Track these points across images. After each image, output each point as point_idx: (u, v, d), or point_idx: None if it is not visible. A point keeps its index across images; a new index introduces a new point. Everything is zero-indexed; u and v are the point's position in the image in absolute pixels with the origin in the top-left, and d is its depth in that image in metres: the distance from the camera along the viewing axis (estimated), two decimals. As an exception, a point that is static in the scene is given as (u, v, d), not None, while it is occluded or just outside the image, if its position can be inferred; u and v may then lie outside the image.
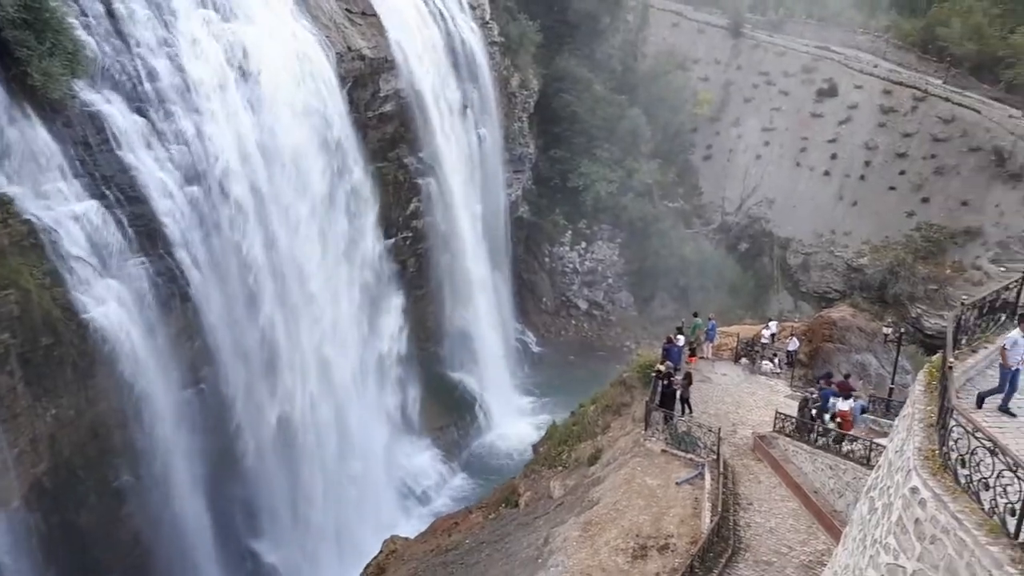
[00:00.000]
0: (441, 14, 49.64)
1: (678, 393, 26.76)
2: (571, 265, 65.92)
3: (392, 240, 46.90)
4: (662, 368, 27.43)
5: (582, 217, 65.91)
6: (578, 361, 59.49)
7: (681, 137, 70.80)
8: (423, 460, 47.54)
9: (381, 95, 44.19)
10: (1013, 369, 11.99)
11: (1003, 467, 8.87)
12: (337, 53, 40.32)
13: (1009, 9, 75.14)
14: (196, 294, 33.29)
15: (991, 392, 11.97)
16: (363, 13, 43.47)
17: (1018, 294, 13.84)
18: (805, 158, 68.23)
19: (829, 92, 68.34)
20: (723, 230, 69.68)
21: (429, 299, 51.70)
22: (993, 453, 9.07)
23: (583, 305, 65.55)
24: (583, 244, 66.06)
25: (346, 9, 42.79)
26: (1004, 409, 11.89)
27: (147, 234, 31.39)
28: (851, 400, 25.44)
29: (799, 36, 73.26)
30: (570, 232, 66.11)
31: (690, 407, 27.13)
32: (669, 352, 29.40)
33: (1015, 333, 12.27)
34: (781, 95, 70.61)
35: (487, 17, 56.32)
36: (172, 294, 32.53)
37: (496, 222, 57.64)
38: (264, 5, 38.33)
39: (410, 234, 49.07)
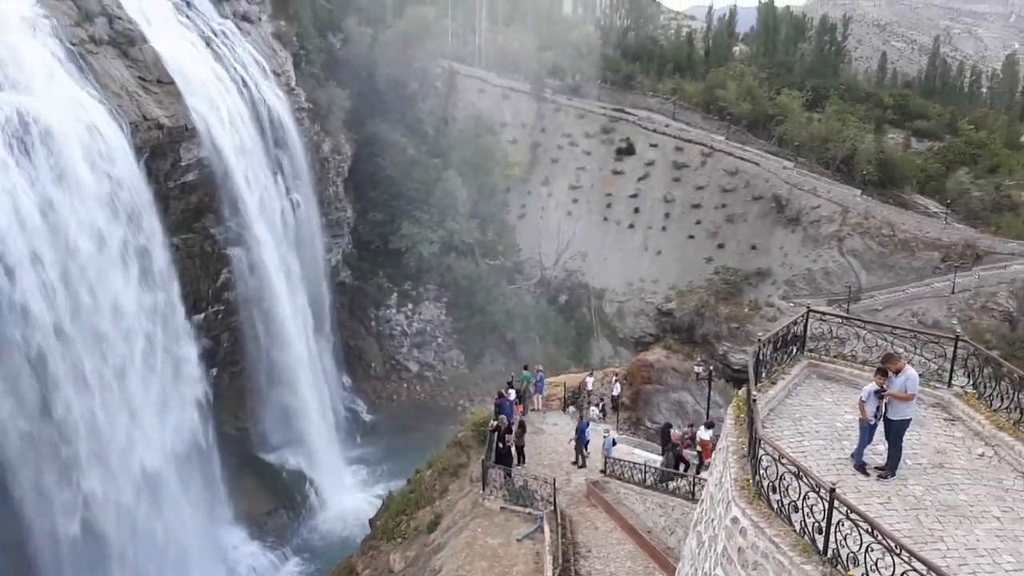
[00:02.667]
0: (244, 81, 48.32)
1: (513, 445, 26.92)
2: (399, 327, 65.17)
3: (202, 315, 44.13)
4: (495, 424, 27.51)
5: (407, 279, 65.65)
6: (412, 425, 58.36)
7: (496, 197, 72.84)
8: (250, 550, 44.22)
9: (182, 164, 42.02)
10: (872, 423, 11.43)
11: (808, 489, 9.47)
12: (131, 122, 38.05)
13: (774, 74, 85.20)
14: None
15: (862, 450, 11.47)
16: (159, 81, 41.42)
17: (805, 327, 15.06)
18: (611, 213, 72.34)
19: (627, 151, 73.26)
20: (543, 284, 71.95)
21: (247, 375, 48.93)
22: (798, 477, 9.66)
23: (414, 367, 64.78)
24: (410, 305, 65.63)
25: (139, 77, 40.61)
26: (859, 466, 11.33)
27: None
28: (712, 429, 26.70)
29: (596, 99, 78.33)
30: (396, 294, 65.54)
31: (523, 456, 27.30)
32: (502, 406, 29.55)
33: (871, 385, 11.55)
34: (584, 155, 74.80)
35: (293, 84, 55.54)
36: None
37: (317, 289, 55.99)
38: (46, 74, 35.77)
39: (222, 307, 46.44)
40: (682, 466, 25.38)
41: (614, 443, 28.32)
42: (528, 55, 79.69)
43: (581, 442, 28.35)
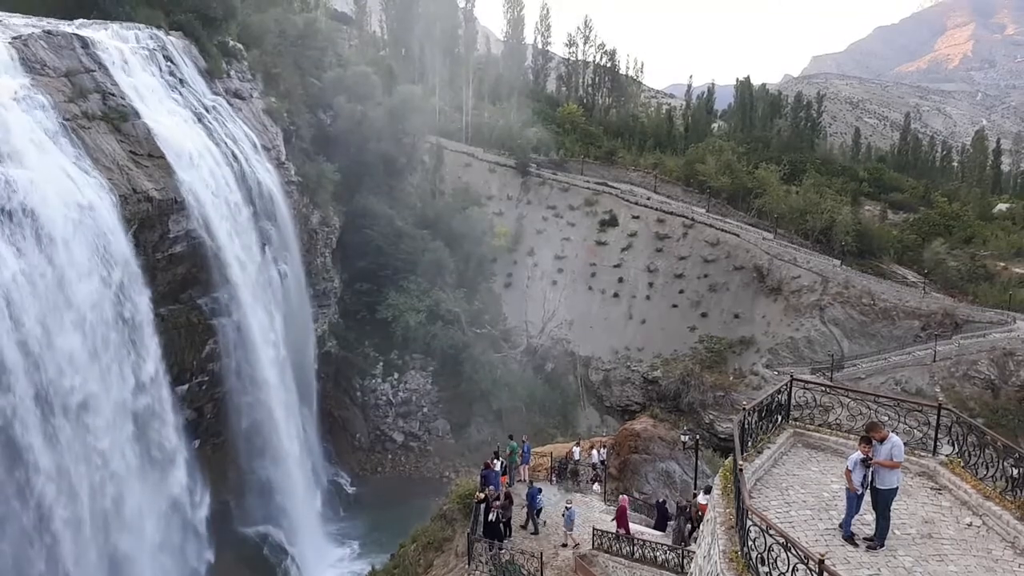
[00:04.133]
0: (234, 155, 49.04)
1: (499, 517, 26.53)
2: (384, 397, 64.60)
3: (185, 386, 43.69)
4: (482, 495, 27.17)
5: (393, 348, 65.48)
6: (397, 497, 57.20)
7: (483, 267, 73.51)
8: (229, 630, 42.79)
9: (171, 236, 42.23)
10: (859, 493, 11.42)
11: (797, 560, 9.48)
12: (121, 195, 38.35)
13: (752, 148, 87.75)
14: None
15: (849, 520, 11.46)
16: (149, 155, 41.96)
17: (789, 396, 15.22)
18: (596, 282, 73.11)
19: (611, 222, 74.58)
20: (529, 352, 71.96)
21: (229, 447, 48.08)
22: (787, 548, 9.68)
23: (399, 438, 63.99)
24: (395, 375, 65.25)
25: (130, 152, 41.12)
26: (847, 537, 11.31)
27: None
28: (710, 493, 26.48)
29: (579, 173, 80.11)
30: (381, 364, 65.25)
31: (510, 529, 26.87)
32: (487, 477, 29.24)
33: (856, 455, 11.54)
34: (569, 226, 76.02)
35: (283, 158, 56.43)
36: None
37: (302, 359, 55.65)
38: (37, 148, 36.07)
39: (206, 378, 45.98)
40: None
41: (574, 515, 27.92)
42: (513, 131, 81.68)
43: (532, 509, 28.22)
